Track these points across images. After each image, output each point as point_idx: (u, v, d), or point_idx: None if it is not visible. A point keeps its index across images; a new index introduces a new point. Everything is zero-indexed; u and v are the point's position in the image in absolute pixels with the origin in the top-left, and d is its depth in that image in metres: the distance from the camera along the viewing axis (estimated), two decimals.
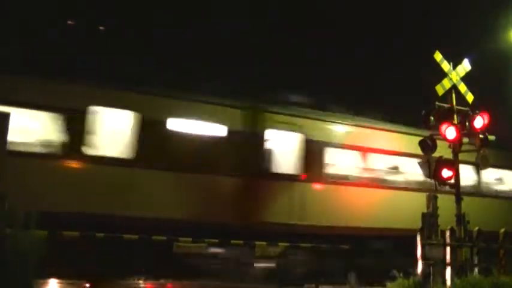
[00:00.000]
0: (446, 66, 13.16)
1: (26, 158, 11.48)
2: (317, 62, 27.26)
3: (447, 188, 12.43)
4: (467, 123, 12.88)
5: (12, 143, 10.10)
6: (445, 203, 11.77)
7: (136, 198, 12.38)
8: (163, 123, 13.17)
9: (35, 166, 11.58)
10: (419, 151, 12.67)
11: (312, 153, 14.80)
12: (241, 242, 13.73)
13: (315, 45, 27.41)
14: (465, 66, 13.44)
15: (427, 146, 12.54)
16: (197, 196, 13.06)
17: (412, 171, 15.33)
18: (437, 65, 13.09)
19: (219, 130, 13.91)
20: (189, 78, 14.95)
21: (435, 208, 11.83)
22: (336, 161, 15.46)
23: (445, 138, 12.50)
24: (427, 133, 12.80)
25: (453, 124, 12.59)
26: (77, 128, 12.27)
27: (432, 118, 12.65)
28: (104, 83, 12.73)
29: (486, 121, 12.64)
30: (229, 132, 13.93)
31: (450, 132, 12.40)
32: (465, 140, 12.88)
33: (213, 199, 13.35)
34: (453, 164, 12.42)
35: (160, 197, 12.70)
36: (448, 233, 11.43)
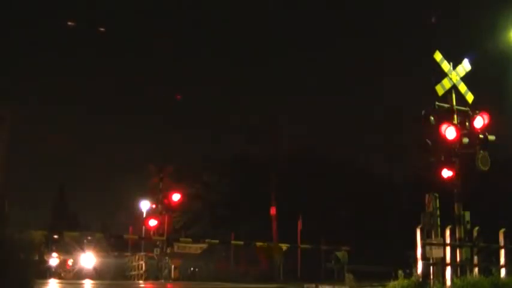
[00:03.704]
0: (446, 66, 13.15)
1: None
2: None
3: None
4: (467, 123, 12.86)
5: None
6: None
7: None
8: None
9: None
10: None
11: None
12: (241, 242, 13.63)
13: None
14: (465, 66, 13.43)
15: (427, 147, 12.53)
16: None
17: None
18: (437, 65, 13.08)
19: None
20: None
21: (435, 208, 11.83)
22: None
23: (444, 138, 12.46)
24: None
25: (453, 124, 12.57)
26: None
27: (432, 118, 12.64)
28: None
29: (486, 121, 12.60)
30: None
31: (450, 132, 12.37)
32: (465, 139, 12.85)
33: None
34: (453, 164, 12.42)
35: None
36: (448, 233, 11.43)
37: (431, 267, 11.24)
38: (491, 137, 12.73)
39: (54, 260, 26.32)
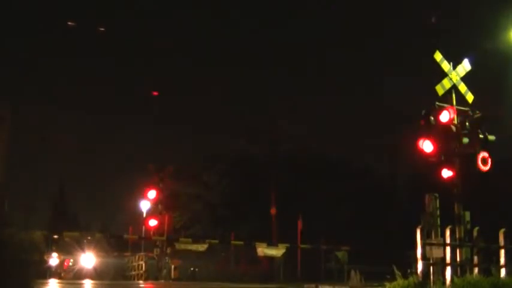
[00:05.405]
0: (446, 66, 13.14)
1: None
2: None
3: None
4: (467, 123, 12.85)
5: None
6: None
7: None
8: None
9: None
10: None
11: None
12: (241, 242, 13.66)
13: None
14: (465, 66, 13.42)
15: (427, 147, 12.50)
16: None
17: None
18: (438, 65, 13.07)
19: None
20: None
21: (435, 208, 11.82)
22: None
23: (444, 138, 12.43)
24: None
25: (453, 124, 12.55)
26: None
27: (432, 118, 12.63)
28: None
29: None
30: None
31: (450, 132, 12.36)
32: (465, 139, 12.84)
33: None
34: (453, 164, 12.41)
35: None
36: (448, 233, 11.42)
37: (431, 267, 11.23)
38: (491, 137, 12.72)
39: (54, 260, 26.32)
